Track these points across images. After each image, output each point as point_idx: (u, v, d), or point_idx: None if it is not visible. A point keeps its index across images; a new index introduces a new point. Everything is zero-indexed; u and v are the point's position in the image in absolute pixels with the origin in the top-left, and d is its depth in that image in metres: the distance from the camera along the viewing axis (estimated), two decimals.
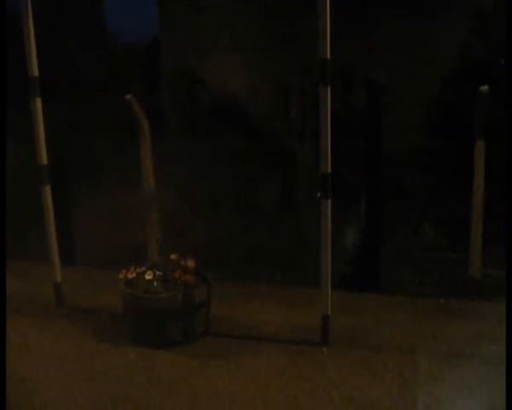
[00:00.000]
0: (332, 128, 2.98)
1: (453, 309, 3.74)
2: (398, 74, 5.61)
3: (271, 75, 6.00)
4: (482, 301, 3.83)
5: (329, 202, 3.04)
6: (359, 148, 4.39)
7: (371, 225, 3.95)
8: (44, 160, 3.64)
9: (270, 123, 5.64)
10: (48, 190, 3.65)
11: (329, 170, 3.00)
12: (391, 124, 4.75)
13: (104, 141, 4.87)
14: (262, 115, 5.76)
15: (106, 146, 4.82)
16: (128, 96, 4.26)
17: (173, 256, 3.39)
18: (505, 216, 2.52)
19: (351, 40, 5.71)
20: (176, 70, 6.14)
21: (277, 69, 5.92)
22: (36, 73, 3.50)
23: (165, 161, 5.02)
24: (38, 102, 3.56)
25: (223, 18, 6.45)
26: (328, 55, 2.90)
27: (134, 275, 3.26)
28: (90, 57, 5.96)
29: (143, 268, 3.30)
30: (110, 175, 4.72)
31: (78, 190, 4.66)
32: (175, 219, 4.52)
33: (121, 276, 3.29)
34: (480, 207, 4.00)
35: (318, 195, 3.57)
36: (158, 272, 3.24)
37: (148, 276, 3.21)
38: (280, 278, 4.04)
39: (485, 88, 3.79)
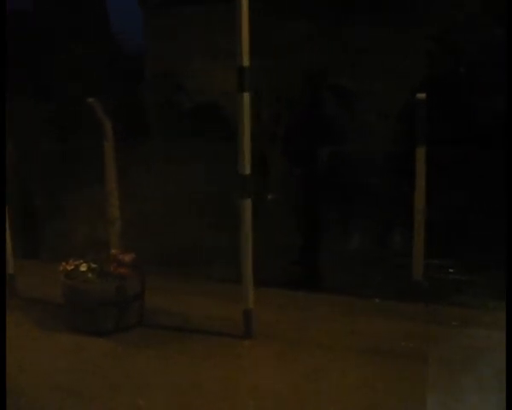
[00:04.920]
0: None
1: (388, 310, 3.85)
2: (367, 80, 5.72)
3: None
4: (420, 304, 3.93)
5: (250, 201, 3.22)
6: (314, 150, 4.56)
7: (315, 226, 4.10)
8: None
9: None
10: None
11: (249, 171, 3.18)
12: (353, 128, 4.90)
13: (74, 140, 5.13)
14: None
15: (76, 145, 5.07)
16: (90, 100, 4.50)
17: (113, 251, 3.61)
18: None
19: (323, 46, 5.82)
20: (157, 74, 6.37)
21: (254, 73, 6.03)
22: None
23: (138, 162, 5.27)
24: None
25: (203, 24, 6.65)
26: (247, 63, 3.07)
27: (72, 267, 3.49)
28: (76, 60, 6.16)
29: (81, 261, 3.52)
30: (79, 174, 4.97)
31: (46, 186, 4.93)
32: (136, 218, 4.75)
33: (61, 268, 3.52)
34: (422, 211, 4.11)
35: (269, 196, 3.74)
36: (93, 265, 3.46)
37: (83, 268, 3.43)
38: (221, 275, 4.21)
39: (421, 95, 3.91)
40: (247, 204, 3.22)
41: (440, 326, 3.56)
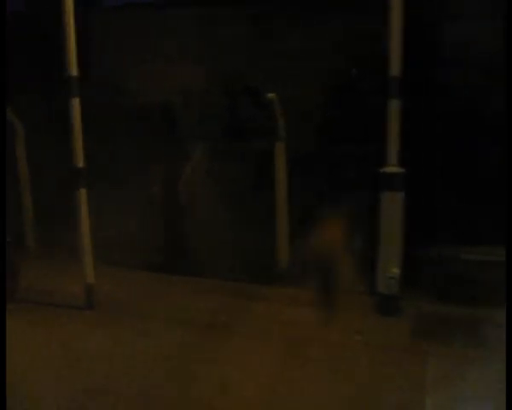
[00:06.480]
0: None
1: (236, 291, 4.26)
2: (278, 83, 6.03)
3: (195, 82, 6.44)
4: (279, 287, 4.32)
5: (85, 190, 3.73)
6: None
7: (187, 215, 4.57)
8: None
9: (190, 127, 6.19)
10: None
11: (82, 164, 3.69)
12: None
13: None
14: (183, 120, 6.30)
15: None
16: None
17: None
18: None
19: (240, 52, 6.13)
20: (102, 77, 6.79)
21: (200, 76, 6.37)
22: None
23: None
24: None
25: (153, 28, 7.00)
26: (75, 73, 3.58)
27: None
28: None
29: None
30: None
31: None
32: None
33: None
34: (283, 200, 4.49)
35: (154, 188, 4.27)
36: None
37: None
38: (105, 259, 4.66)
39: (271, 95, 4.33)
40: (83, 193, 3.73)
41: (266, 304, 3.99)
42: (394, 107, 3.50)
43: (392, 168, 3.56)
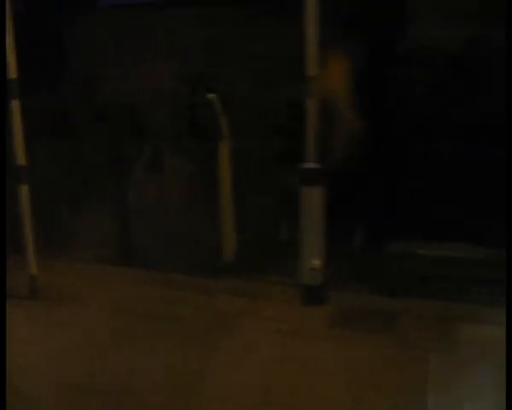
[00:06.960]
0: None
1: (185, 284, 4.46)
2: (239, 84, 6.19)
3: (164, 82, 6.66)
4: (222, 280, 4.53)
5: (27, 187, 3.98)
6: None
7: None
8: None
9: (149, 125, 6.42)
10: None
11: (24, 162, 3.94)
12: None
13: None
14: (143, 118, 6.55)
15: None
16: None
17: None
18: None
19: (215, 52, 6.25)
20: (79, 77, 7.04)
21: (165, 76, 6.59)
22: None
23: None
24: None
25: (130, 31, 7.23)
26: (14, 76, 3.82)
27: None
28: None
29: None
30: None
31: None
32: None
33: None
34: (227, 196, 4.68)
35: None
36: None
37: None
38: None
39: (212, 96, 4.53)
40: (25, 189, 3.99)
41: (204, 296, 4.20)
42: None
43: (310, 164, 3.74)
